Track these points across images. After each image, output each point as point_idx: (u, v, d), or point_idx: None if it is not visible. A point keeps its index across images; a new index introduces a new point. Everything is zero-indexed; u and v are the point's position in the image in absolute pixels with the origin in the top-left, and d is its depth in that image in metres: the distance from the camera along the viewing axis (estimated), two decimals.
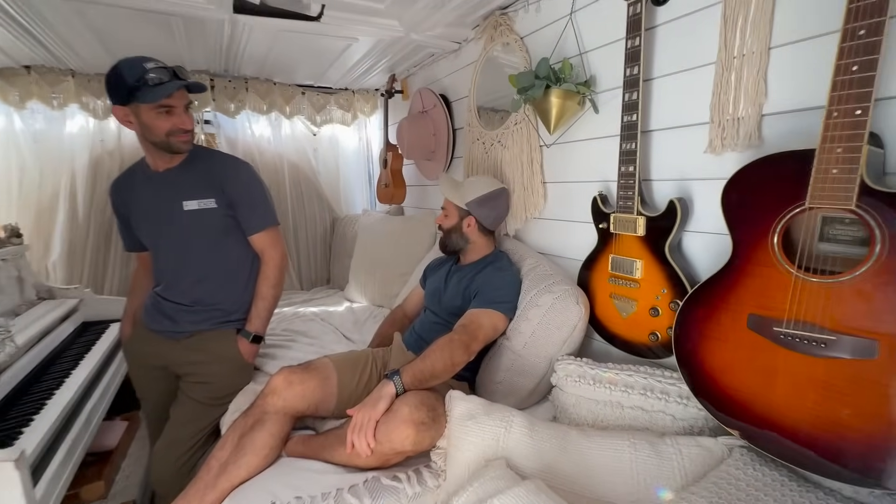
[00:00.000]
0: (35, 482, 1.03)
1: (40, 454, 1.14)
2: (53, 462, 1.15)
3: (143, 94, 1.21)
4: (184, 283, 1.43)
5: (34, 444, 1.10)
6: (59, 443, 1.22)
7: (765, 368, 0.81)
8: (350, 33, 1.80)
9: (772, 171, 0.80)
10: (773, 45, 0.88)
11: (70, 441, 1.25)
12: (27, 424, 1.20)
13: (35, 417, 1.23)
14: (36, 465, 1.09)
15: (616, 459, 0.96)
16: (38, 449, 1.12)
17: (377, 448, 1.03)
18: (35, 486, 1.02)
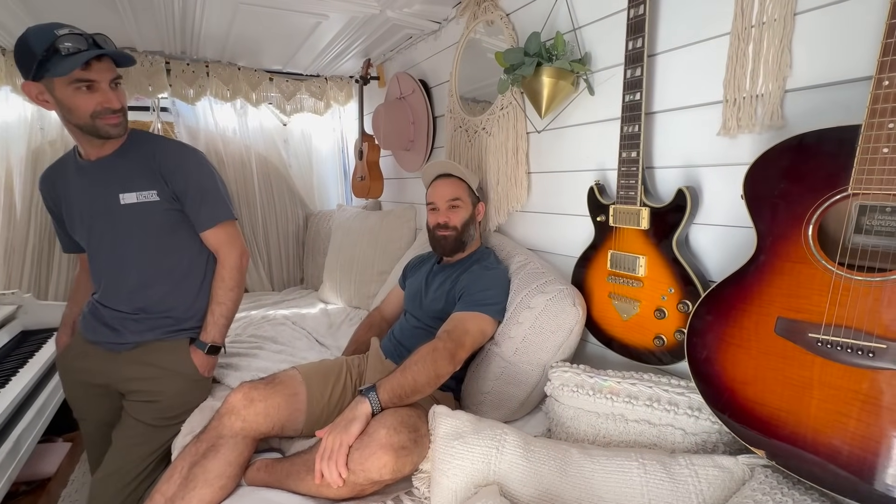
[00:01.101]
0: None
1: None
2: None
3: (53, 66, 1.02)
4: (125, 289, 1.25)
5: None
6: None
7: (797, 380, 0.70)
8: (319, 9, 1.63)
9: (805, 153, 0.69)
10: (799, 11, 0.77)
11: None
12: None
13: None
14: None
15: (625, 483, 0.84)
16: None
17: (350, 478, 0.89)
18: None
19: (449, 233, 1.35)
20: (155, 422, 1.24)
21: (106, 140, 1.17)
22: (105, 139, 1.16)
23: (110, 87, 1.12)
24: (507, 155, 1.48)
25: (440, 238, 1.37)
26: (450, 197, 1.36)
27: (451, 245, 1.36)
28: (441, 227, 1.36)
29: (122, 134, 1.18)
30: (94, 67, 1.08)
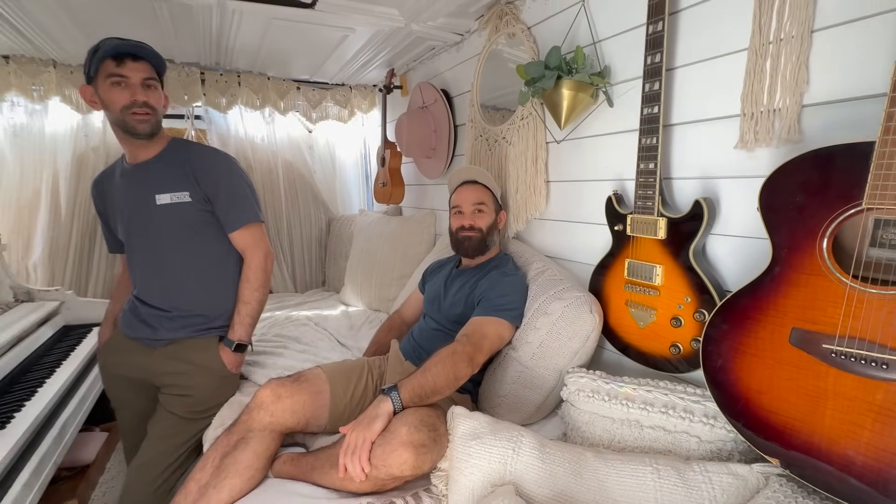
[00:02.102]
0: None
1: (4, 471, 1.04)
2: (19, 480, 1.05)
3: (95, 64, 1.16)
4: (160, 286, 1.33)
5: None
6: (26, 459, 1.12)
7: (811, 390, 0.72)
8: (347, 23, 1.70)
9: (821, 168, 0.70)
10: (817, 28, 0.79)
11: (39, 456, 1.15)
12: None
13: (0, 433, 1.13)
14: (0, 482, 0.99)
15: (638, 488, 0.86)
16: (5, 463, 1.02)
17: (372, 473, 0.93)
18: None
19: (474, 234, 1.39)
20: (187, 415, 1.31)
21: (139, 139, 1.25)
22: (135, 136, 1.24)
23: (141, 86, 1.21)
24: (526, 164, 1.51)
25: (463, 239, 1.41)
26: (475, 201, 1.40)
27: (475, 245, 1.40)
28: (465, 230, 1.40)
29: (148, 131, 1.25)
30: (127, 66, 1.18)
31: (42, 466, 1.16)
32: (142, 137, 1.25)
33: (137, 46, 1.19)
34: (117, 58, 1.16)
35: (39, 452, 1.16)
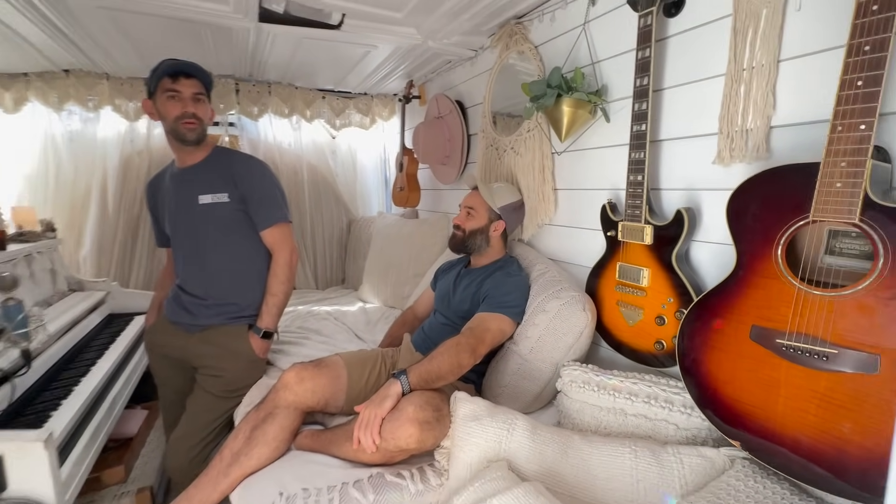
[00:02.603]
0: (61, 463, 1.09)
1: (67, 437, 1.20)
2: (78, 445, 1.21)
3: (154, 81, 1.35)
4: (199, 276, 1.50)
5: (61, 427, 1.16)
6: (84, 427, 1.29)
7: (767, 380, 0.81)
8: (369, 41, 1.85)
9: (777, 184, 0.80)
10: (783, 59, 0.89)
11: (94, 426, 1.32)
12: (55, 408, 1.27)
13: (63, 402, 1.30)
14: (62, 447, 1.15)
15: (617, 466, 0.97)
16: (65, 432, 1.18)
17: (382, 445, 1.06)
18: (61, 466, 1.08)
19: (458, 232, 1.55)
20: (220, 393, 1.47)
21: (188, 145, 1.42)
22: (184, 142, 1.42)
23: (191, 99, 1.39)
24: (534, 173, 1.62)
25: (452, 235, 1.58)
26: (467, 205, 1.55)
27: (456, 242, 1.57)
28: (455, 227, 1.56)
29: (195, 138, 1.42)
30: (181, 82, 1.37)
31: (97, 433, 1.33)
32: (190, 144, 1.42)
33: (190, 66, 1.37)
34: (173, 75, 1.34)
35: (95, 420, 1.33)
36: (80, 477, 1.17)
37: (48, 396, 1.34)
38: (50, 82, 2.09)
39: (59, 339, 1.63)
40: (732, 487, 0.84)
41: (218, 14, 1.50)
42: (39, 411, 1.25)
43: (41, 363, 1.44)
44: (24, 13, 1.46)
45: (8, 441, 0.98)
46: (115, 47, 1.87)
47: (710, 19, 1.02)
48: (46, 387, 1.40)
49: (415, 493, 1.06)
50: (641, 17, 1.08)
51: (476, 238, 1.53)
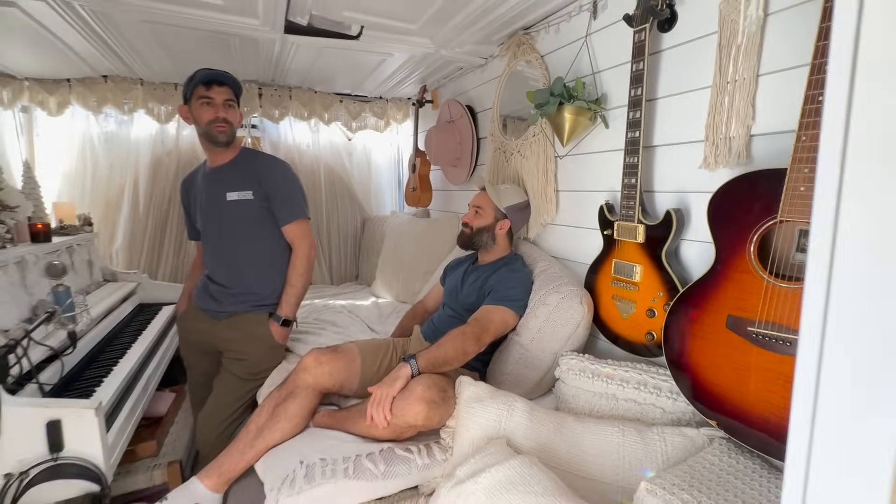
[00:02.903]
0: (107, 430, 1.22)
1: (111, 409, 1.34)
2: (119, 417, 1.34)
3: (190, 88, 1.49)
4: (225, 267, 1.63)
5: (107, 399, 1.30)
6: (123, 403, 1.42)
7: (740, 364, 0.89)
8: (386, 49, 1.96)
9: (750, 187, 0.88)
10: (761, 73, 0.97)
11: (132, 402, 1.45)
12: (99, 384, 1.40)
13: (104, 380, 1.44)
14: (107, 417, 1.28)
15: (605, 443, 1.06)
16: (109, 404, 1.32)
17: (392, 421, 1.17)
18: (107, 433, 1.21)
19: (466, 230, 1.64)
20: (243, 375, 1.59)
21: (219, 146, 1.55)
22: (216, 144, 1.55)
23: (223, 105, 1.52)
24: (538, 175, 1.72)
25: (460, 232, 1.68)
26: (475, 204, 1.65)
27: (463, 239, 1.66)
28: (464, 225, 1.65)
29: (225, 140, 1.56)
30: (213, 89, 1.51)
31: (134, 408, 1.46)
32: (220, 145, 1.55)
33: (222, 75, 1.50)
34: (207, 84, 1.48)
35: (132, 397, 1.47)
36: (121, 445, 1.30)
37: (91, 374, 1.48)
38: (90, 87, 2.26)
39: (97, 324, 1.77)
40: (708, 462, 0.92)
41: (248, 27, 1.63)
42: (85, 387, 1.39)
43: (84, 344, 1.59)
44: (74, 26, 1.61)
45: (64, 408, 1.12)
46: (152, 55, 2.01)
47: (700, 35, 1.11)
48: (88, 367, 1.54)
49: (421, 466, 1.16)
50: (636, 33, 1.17)
51: (483, 235, 1.62)
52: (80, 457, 1.11)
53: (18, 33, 1.68)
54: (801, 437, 0.43)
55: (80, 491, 1.12)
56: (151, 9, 1.48)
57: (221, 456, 1.26)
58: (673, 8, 1.16)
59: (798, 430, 0.43)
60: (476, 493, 0.94)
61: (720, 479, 0.88)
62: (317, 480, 1.08)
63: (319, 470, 1.11)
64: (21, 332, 1.29)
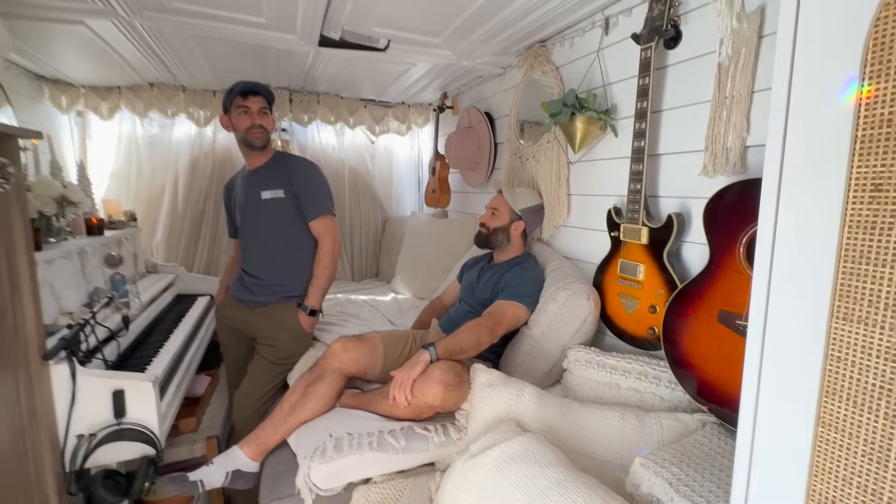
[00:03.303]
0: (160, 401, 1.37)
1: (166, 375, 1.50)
2: (168, 392, 1.50)
3: (229, 99, 1.65)
4: (258, 260, 1.78)
5: (158, 374, 1.45)
6: (170, 379, 1.58)
7: (728, 354, 0.99)
8: (410, 60, 2.10)
9: (740, 194, 0.98)
10: (756, 90, 1.06)
11: (178, 379, 1.61)
12: (149, 363, 1.56)
13: (154, 359, 1.60)
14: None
15: (606, 426, 1.16)
16: (161, 378, 1.48)
17: (412, 401, 1.29)
18: (160, 402, 1.36)
19: (483, 230, 1.75)
20: (274, 360, 1.74)
21: (255, 150, 1.71)
22: (252, 149, 1.71)
23: (258, 113, 1.68)
24: (551, 179, 1.82)
25: (477, 232, 1.79)
26: (492, 206, 1.76)
27: (480, 238, 1.77)
28: (481, 225, 1.76)
29: (261, 145, 1.71)
30: (250, 99, 1.67)
31: (180, 385, 1.62)
32: (256, 149, 1.71)
33: (258, 86, 1.65)
34: (244, 94, 1.63)
35: (178, 375, 1.63)
36: (170, 417, 1.45)
37: (141, 354, 1.64)
38: (138, 93, 2.45)
39: (144, 310, 1.95)
40: (699, 443, 1.02)
41: (286, 42, 1.78)
42: (137, 364, 1.55)
43: (133, 327, 1.75)
44: (131, 40, 1.79)
45: (126, 379, 1.27)
46: (195, 65, 2.19)
47: (702, 53, 1.20)
48: (136, 348, 1.71)
49: (438, 444, 1.28)
50: (643, 50, 1.27)
51: (498, 235, 1.74)
52: (139, 423, 1.27)
53: (82, 47, 1.87)
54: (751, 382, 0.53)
55: (138, 453, 1.27)
56: (202, 25, 1.63)
57: (259, 429, 1.40)
58: (678, 27, 1.25)
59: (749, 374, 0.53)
60: (487, 464, 1.06)
61: (709, 457, 0.97)
62: (344, 451, 1.21)
63: (347, 442, 1.24)
64: (83, 314, 1.45)
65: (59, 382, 1.19)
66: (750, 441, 0.54)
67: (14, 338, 1.06)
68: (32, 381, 1.10)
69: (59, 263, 1.54)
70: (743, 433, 0.54)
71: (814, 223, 0.48)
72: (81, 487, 1.22)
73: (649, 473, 0.92)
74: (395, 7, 1.54)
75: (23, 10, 1.45)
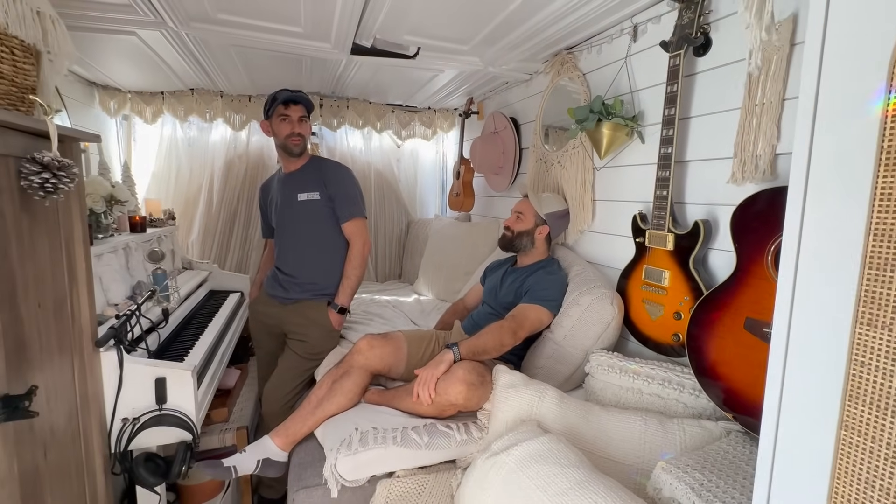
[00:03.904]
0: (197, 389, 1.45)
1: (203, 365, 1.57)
2: (204, 381, 1.56)
3: (272, 107, 1.74)
4: (292, 259, 1.85)
5: (196, 364, 1.53)
6: (206, 370, 1.65)
7: (756, 362, 0.98)
8: (438, 67, 2.14)
9: (770, 202, 0.98)
10: (787, 97, 1.05)
11: (212, 370, 1.68)
12: (186, 354, 1.64)
13: (190, 350, 1.68)
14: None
15: (628, 430, 1.16)
16: (198, 368, 1.55)
17: (436, 399, 1.32)
18: (197, 390, 1.43)
19: (507, 233, 1.78)
20: (305, 355, 1.80)
21: (293, 156, 1.79)
22: (291, 154, 1.79)
23: (298, 121, 1.76)
24: (576, 184, 1.83)
25: (502, 235, 1.81)
26: (517, 210, 1.78)
27: (504, 241, 1.80)
28: (505, 228, 1.78)
29: (298, 151, 1.80)
30: (290, 108, 1.75)
31: (214, 376, 1.69)
32: (294, 155, 1.79)
33: (298, 95, 1.73)
34: (285, 103, 1.70)
35: (212, 366, 1.70)
36: (205, 405, 1.53)
37: (178, 345, 1.73)
38: (179, 98, 2.58)
39: (181, 304, 2.04)
40: (723, 450, 1.02)
41: (321, 50, 1.85)
42: (175, 355, 1.63)
43: (172, 320, 1.85)
44: (177, 49, 1.90)
45: (168, 368, 1.35)
46: (234, 72, 2.29)
47: (732, 60, 1.20)
48: (174, 339, 1.80)
49: (460, 441, 1.31)
50: (672, 58, 1.27)
51: (522, 239, 1.76)
52: (178, 409, 1.34)
53: (131, 55, 1.99)
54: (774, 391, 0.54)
55: (176, 438, 1.35)
56: (243, 35, 1.72)
57: (288, 420, 1.46)
58: (707, 35, 1.25)
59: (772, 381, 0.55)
60: (508, 463, 1.08)
61: (732, 464, 0.97)
62: (369, 444, 1.25)
63: (372, 436, 1.28)
64: (128, 306, 1.55)
65: (108, 368, 1.27)
66: (773, 443, 0.55)
67: (71, 326, 1.14)
68: (85, 367, 1.19)
69: (106, 258, 1.64)
70: (766, 435, 0.55)
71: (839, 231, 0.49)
72: (125, 468, 1.30)
73: (671, 478, 0.93)
74: (427, 16, 1.59)
75: (82, 23, 1.57)
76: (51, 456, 1.03)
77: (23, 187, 0.91)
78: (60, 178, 0.94)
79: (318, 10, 1.54)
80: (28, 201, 0.95)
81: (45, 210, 1.02)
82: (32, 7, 0.96)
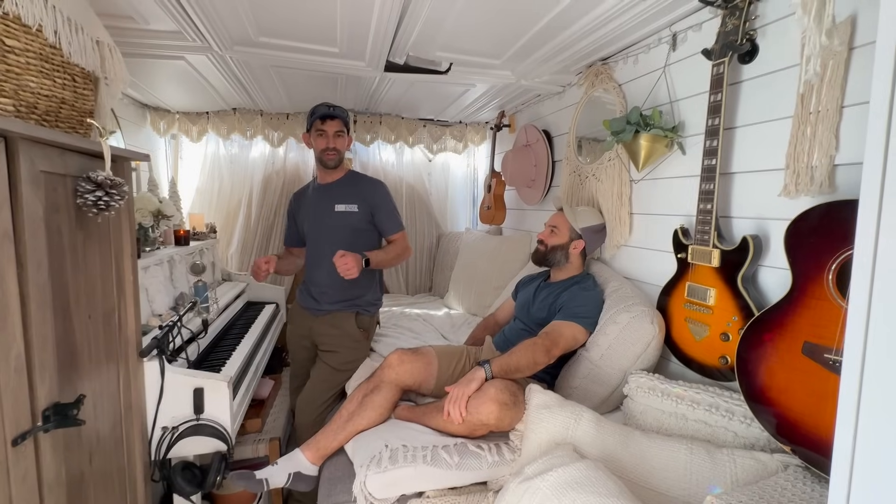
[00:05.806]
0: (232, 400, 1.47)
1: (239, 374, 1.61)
2: (239, 392, 1.60)
3: (312, 121, 1.80)
4: (326, 270, 1.87)
5: (232, 375, 1.56)
6: (241, 381, 1.69)
7: (816, 391, 0.90)
8: (470, 81, 2.15)
9: (829, 217, 0.90)
10: (846, 105, 0.98)
11: (247, 381, 1.72)
12: (223, 364, 1.69)
13: (227, 361, 1.72)
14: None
15: (672, 459, 1.09)
16: (234, 379, 1.59)
17: (467, 418, 1.29)
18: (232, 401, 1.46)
19: (541, 247, 1.74)
20: (336, 366, 1.82)
21: (329, 169, 1.85)
22: (327, 167, 1.85)
23: (333, 136, 1.81)
24: (612, 198, 1.78)
25: (535, 249, 1.78)
26: (552, 224, 1.74)
27: (538, 256, 1.76)
28: (539, 242, 1.75)
29: (334, 164, 1.85)
30: (327, 123, 1.80)
31: (249, 386, 1.73)
32: (329, 167, 1.84)
33: (336, 109, 1.78)
34: (323, 118, 1.75)
35: (248, 377, 1.74)
36: (240, 416, 1.56)
37: (216, 356, 1.78)
38: (222, 118, 2.71)
39: (219, 315, 2.11)
40: (780, 486, 0.93)
41: (355, 68, 1.90)
42: (213, 365, 1.68)
43: (211, 330, 1.90)
44: (221, 72, 1.99)
45: (205, 379, 1.39)
46: (273, 91, 2.39)
47: (781, 67, 1.14)
48: (212, 350, 1.85)
49: (491, 463, 1.27)
50: (714, 66, 1.22)
51: (556, 253, 1.71)
52: (215, 419, 1.37)
53: (179, 78, 2.11)
54: (846, 435, 0.49)
55: (212, 448, 1.37)
56: (283, 57, 1.79)
57: (319, 434, 1.46)
58: (754, 41, 1.19)
59: (843, 426, 0.49)
60: (543, 489, 1.03)
61: (791, 502, 0.88)
62: (399, 462, 1.23)
63: (402, 454, 1.26)
64: (171, 316, 1.61)
65: (150, 378, 1.32)
66: (846, 491, 0.49)
67: (118, 336, 1.19)
68: (130, 376, 1.23)
69: (152, 270, 1.72)
70: (837, 481, 0.49)
71: None
72: (163, 476, 1.33)
73: None
74: (459, 32, 1.60)
75: (136, 49, 1.68)
76: (95, 462, 1.07)
77: (78, 204, 0.97)
78: (112, 195, 0.99)
79: (354, 30, 1.58)
80: (82, 217, 1.01)
81: (97, 225, 1.08)
82: (93, 37, 1.03)
